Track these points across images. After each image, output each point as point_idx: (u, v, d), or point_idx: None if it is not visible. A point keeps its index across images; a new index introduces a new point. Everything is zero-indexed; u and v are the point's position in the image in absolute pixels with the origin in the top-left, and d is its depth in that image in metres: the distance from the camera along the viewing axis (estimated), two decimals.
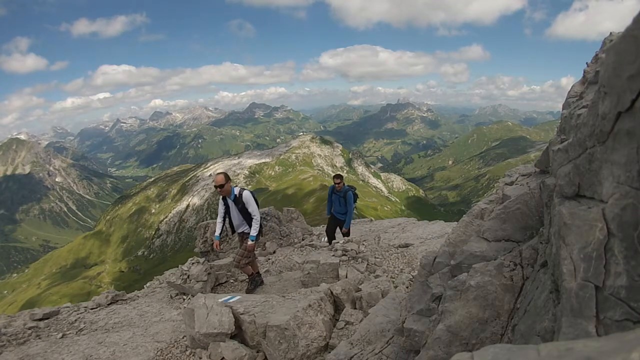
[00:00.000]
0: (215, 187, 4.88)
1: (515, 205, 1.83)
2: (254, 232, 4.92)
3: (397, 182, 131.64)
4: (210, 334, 3.35)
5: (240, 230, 5.18)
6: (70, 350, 3.87)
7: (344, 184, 6.91)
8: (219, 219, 5.16)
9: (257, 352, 3.32)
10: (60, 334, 4.29)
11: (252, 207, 4.96)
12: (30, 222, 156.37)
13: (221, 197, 5.06)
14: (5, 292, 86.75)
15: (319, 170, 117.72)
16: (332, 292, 3.80)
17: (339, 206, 7.02)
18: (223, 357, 3.22)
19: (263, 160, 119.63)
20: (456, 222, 2.54)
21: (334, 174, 7.10)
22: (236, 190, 4.99)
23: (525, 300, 1.49)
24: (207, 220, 9.19)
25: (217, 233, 5.18)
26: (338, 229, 7.33)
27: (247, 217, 5.03)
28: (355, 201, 7.04)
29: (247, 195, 4.96)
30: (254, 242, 4.94)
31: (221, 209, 5.14)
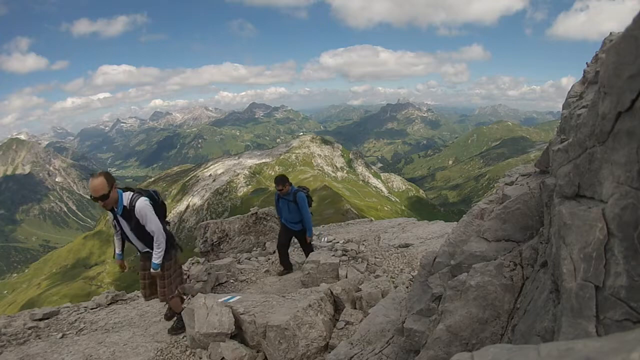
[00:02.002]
0: (94, 198, 3.20)
1: (515, 205, 1.83)
2: (156, 259, 3.55)
3: (397, 182, 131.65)
4: (210, 334, 3.36)
5: (145, 250, 3.76)
6: (70, 350, 3.87)
7: (290, 186, 5.52)
8: (115, 236, 3.80)
9: (257, 352, 3.32)
10: (60, 334, 4.29)
11: (152, 224, 3.46)
12: (30, 222, 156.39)
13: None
14: (5, 292, 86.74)
15: (319, 170, 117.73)
16: (332, 292, 3.80)
17: (288, 213, 5.60)
18: (223, 357, 3.22)
19: (263, 161, 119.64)
20: (456, 222, 2.54)
21: (275, 177, 5.55)
22: (125, 200, 3.39)
23: (525, 300, 1.49)
24: (207, 220, 9.20)
25: (117, 251, 3.84)
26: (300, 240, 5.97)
27: (147, 237, 3.56)
28: (310, 204, 5.69)
29: (141, 207, 3.38)
30: (157, 271, 3.62)
31: (111, 222, 3.66)
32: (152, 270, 3.63)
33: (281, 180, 5.47)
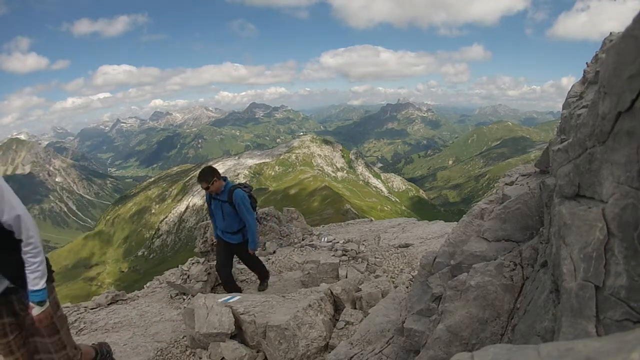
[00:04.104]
0: None
1: (515, 205, 1.83)
2: (38, 282, 1.96)
3: (397, 182, 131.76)
4: (210, 334, 3.35)
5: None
6: None
7: (225, 182, 4.04)
8: None
9: (257, 352, 3.32)
10: None
11: (29, 232, 1.93)
12: None
13: None
14: None
15: (319, 170, 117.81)
16: (332, 292, 3.80)
17: (222, 220, 4.14)
18: (223, 357, 3.22)
19: (263, 161, 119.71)
20: (456, 222, 2.54)
21: (200, 171, 3.98)
22: None
23: (525, 300, 1.49)
24: (207, 220, 9.21)
25: None
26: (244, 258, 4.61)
27: (10, 260, 1.97)
28: (254, 207, 4.21)
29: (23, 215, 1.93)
30: (47, 310, 2.05)
31: None
32: (34, 308, 1.99)
33: (205, 175, 3.83)
